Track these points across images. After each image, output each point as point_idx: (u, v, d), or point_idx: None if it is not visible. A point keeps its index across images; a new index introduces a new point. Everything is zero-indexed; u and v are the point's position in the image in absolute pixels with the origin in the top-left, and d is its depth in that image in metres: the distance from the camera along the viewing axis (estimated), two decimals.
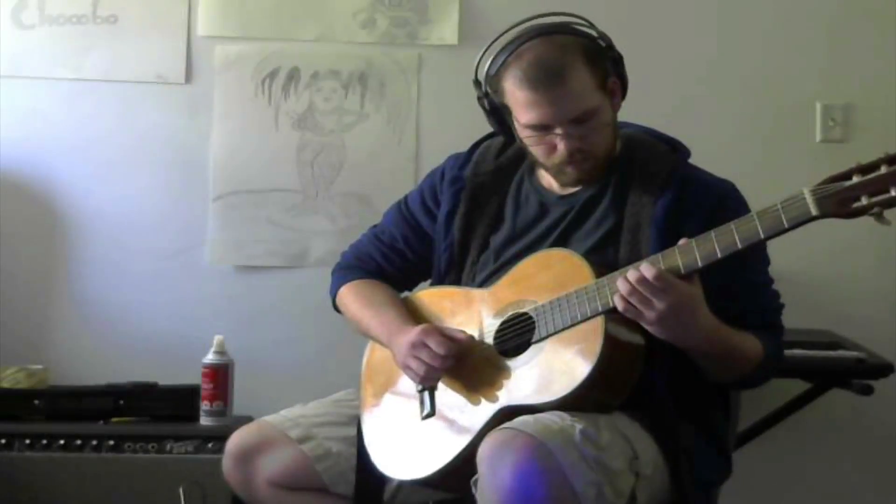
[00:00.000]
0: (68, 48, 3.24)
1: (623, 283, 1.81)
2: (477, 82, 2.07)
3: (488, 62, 2.03)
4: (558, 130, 1.97)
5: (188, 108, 3.26)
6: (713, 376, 1.96)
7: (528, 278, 2.00)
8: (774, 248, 1.93)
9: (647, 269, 1.79)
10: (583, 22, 2.03)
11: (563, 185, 2.08)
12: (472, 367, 2.00)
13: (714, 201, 1.80)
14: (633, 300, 1.80)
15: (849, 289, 3.23)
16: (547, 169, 2.07)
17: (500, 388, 1.94)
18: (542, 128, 1.98)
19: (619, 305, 1.82)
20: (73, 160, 3.24)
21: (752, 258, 1.98)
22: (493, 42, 2.03)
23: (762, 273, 2.04)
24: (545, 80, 1.95)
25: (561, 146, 1.98)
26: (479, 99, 2.08)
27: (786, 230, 1.71)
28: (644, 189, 2.00)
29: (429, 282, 2.26)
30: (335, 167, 3.27)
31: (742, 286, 1.97)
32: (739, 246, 1.75)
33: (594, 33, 2.02)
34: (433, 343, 1.98)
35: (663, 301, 1.78)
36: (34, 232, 3.24)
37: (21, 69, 3.23)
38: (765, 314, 2.01)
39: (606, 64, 2.01)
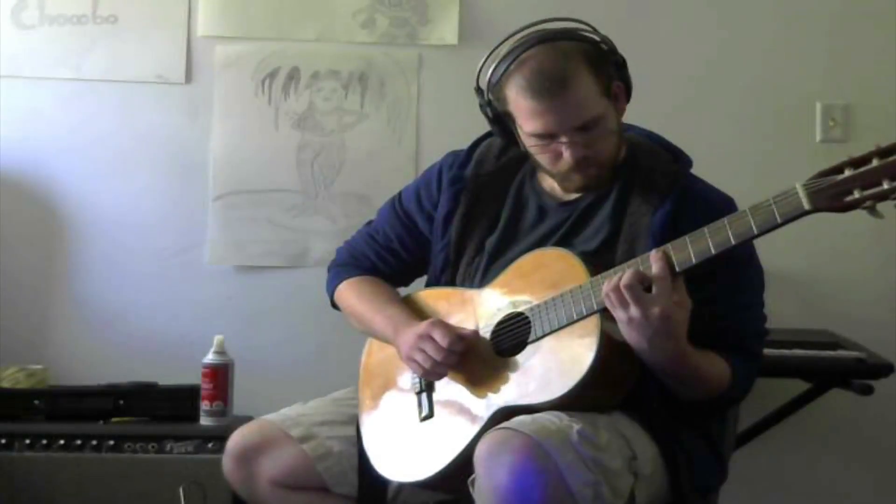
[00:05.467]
0: (68, 48, 3.25)
1: (608, 282, 1.81)
2: (479, 90, 2.04)
3: (490, 70, 2.01)
4: (563, 139, 1.95)
5: (188, 108, 3.27)
6: (676, 392, 1.94)
7: (522, 278, 2.00)
8: (775, 248, 1.92)
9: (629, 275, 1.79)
10: (584, 27, 2.00)
11: (567, 191, 2.07)
12: (469, 367, 1.99)
13: (712, 215, 1.79)
14: (612, 296, 1.80)
15: (849, 289, 3.22)
16: (552, 176, 2.06)
17: (497, 388, 1.94)
18: (548, 136, 1.97)
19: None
20: (73, 160, 3.25)
21: (748, 278, 1.98)
22: (494, 50, 2.01)
23: (755, 296, 2.02)
24: (549, 89, 1.93)
25: (566, 154, 1.97)
26: (482, 106, 2.06)
27: (779, 225, 1.70)
28: (644, 199, 1.99)
29: (424, 280, 2.26)
30: (335, 167, 3.27)
31: (731, 305, 1.95)
32: (733, 242, 1.74)
33: (596, 38, 2.00)
34: (438, 336, 1.97)
35: (639, 308, 1.77)
36: (34, 232, 3.25)
37: (21, 69, 3.24)
38: (745, 338, 1.99)
39: (610, 69, 1.99)
